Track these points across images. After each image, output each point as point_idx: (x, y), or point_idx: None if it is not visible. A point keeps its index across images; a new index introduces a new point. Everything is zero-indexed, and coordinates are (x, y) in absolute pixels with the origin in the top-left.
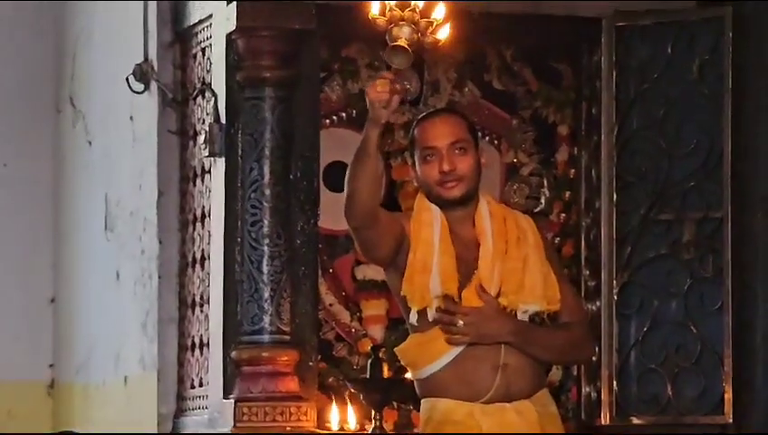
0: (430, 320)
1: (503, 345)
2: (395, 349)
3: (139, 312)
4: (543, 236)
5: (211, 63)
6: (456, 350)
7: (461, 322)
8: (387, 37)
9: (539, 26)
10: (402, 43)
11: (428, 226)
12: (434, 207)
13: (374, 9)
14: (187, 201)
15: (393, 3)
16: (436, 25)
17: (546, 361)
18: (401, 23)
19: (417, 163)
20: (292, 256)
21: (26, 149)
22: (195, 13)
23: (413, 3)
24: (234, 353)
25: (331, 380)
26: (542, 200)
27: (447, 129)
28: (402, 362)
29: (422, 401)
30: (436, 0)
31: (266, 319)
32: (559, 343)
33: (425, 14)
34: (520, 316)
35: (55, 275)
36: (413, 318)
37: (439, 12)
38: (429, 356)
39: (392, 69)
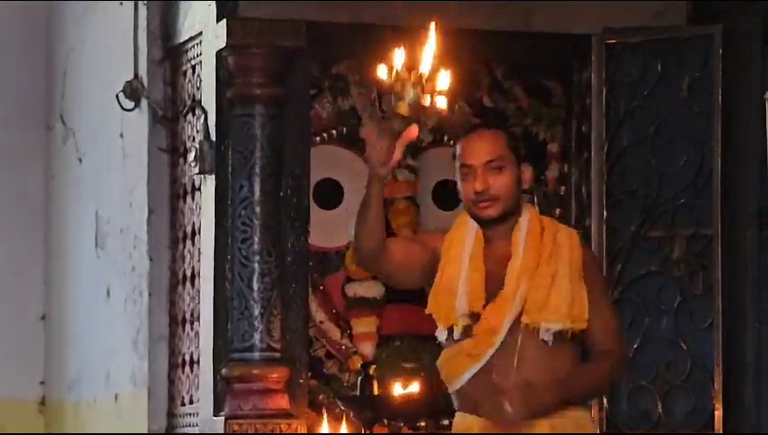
0: (455, 338)
1: (516, 361)
2: (436, 363)
3: (130, 329)
4: (586, 253)
5: (201, 81)
6: (476, 367)
7: (509, 407)
8: (392, 95)
9: (529, 43)
10: (403, 109)
11: (459, 243)
12: (471, 223)
13: (381, 73)
14: (177, 218)
15: (399, 68)
16: (440, 92)
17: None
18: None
19: (458, 180)
20: (283, 274)
21: (17, 166)
22: (185, 30)
23: (421, 72)
24: (224, 371)
25: (321, 397)
26: None
27: (485, 147)
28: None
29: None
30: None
31: (257, 336)
32: (599, 379)
33: (430, 82)
34: (542, 335)
35: (46, 293)
36: (441, 336)
37: (444, 81)
38: (454, 372)
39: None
